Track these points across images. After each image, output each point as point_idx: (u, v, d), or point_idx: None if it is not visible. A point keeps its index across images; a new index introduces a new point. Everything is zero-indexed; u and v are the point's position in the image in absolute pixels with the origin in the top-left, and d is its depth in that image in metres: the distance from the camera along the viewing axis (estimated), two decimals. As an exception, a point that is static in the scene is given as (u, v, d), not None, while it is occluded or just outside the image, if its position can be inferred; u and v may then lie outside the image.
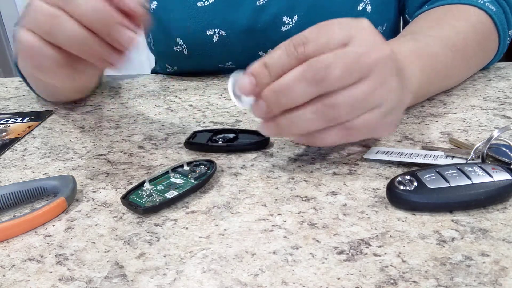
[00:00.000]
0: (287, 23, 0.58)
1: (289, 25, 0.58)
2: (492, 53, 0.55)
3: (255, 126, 0.45)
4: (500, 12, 0.54)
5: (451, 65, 0.48)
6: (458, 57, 0.48)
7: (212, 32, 0.59)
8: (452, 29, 0.50)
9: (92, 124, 0.51)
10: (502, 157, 0.32)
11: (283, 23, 0.58)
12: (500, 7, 0.54)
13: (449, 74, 0.50)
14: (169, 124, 0.48)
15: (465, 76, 0.54)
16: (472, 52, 0.51)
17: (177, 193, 0.31)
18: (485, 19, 0.53)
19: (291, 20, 0.58)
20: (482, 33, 0.52)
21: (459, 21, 0.51)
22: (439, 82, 0.49)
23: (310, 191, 0.31)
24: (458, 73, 0.51)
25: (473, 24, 0.52)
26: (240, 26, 0.58)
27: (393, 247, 0.25)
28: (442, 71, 0.47)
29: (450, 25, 0.51)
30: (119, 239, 0.27)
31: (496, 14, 0.54)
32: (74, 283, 0.24)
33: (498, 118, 0.43)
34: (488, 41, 0.53)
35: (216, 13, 0.58)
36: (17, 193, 0.32)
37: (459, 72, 0.51)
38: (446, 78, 0.49)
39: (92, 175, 0.37)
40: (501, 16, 0.54)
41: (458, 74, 0.52)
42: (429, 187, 0.28)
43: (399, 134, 0.40)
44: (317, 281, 0.23)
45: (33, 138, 0.48)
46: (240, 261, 0.25)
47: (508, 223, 0.26)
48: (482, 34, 0.52)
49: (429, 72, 0.44)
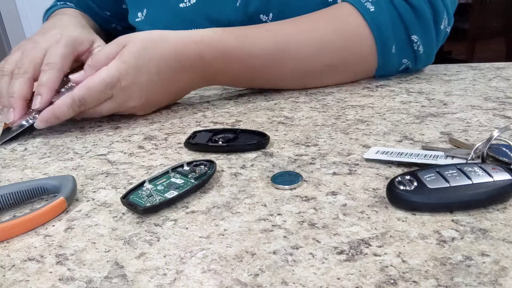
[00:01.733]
0: (265, 21, 0.59)
1: (266, 23, 0.58)
2: (363, 55, 0.54)
3: (255, 126, 0.45)
4: (383, 14, 0.52)
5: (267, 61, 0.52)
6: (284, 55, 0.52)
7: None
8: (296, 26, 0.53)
9: (92, 124, 0.51)
10: (502, 157, 0.32)
11: (261, 21, 0.59)
12: (394, 9, 0.53)
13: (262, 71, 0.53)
14: (169, 124, 0.48)
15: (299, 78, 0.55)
16: (307, 52, 0.52)
17: (177, 193, 0.31)
18: (354, 18, 0.53)
19: (267, 18, 0.58)
20: (336, 29, 0.52)
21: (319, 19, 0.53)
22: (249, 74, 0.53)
23: (310, 191, 0.31)
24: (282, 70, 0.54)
25: (327, 23, 0.53)
26: (223, 24, 0.59)
27: (393, 247, 0.25)
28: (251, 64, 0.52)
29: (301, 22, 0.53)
30: (119, 239, 0.27)
31: (372, 14, 0.52)
32: (74, 283, 0.24)
33: (498, 118, 0.43)
34: (349, 42, 0.53)
35: (198, 13, 0.60)
36: (17, 193, 0.32)
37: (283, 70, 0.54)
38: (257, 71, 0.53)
39: (92, 175, 0.37)
40: (382, 18, 0.52)
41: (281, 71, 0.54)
42: (429, 187, 0.28)
43: (399, 134, 0.40)
44: (317, 281, 0.23)
45: (33, 138, 0.48)
46: (240, 261, 0.25)
47: (508, 223, 0.26)
48: (338, 31, 0.52)
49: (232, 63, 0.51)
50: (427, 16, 0.53)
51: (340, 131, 0.42)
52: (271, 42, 0.52)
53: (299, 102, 0.52)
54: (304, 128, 0.44)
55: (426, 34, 0.54)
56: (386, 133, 0.41)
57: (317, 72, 0.55)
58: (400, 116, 0.45)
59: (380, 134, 0.41)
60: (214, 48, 0.50)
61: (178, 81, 0.51)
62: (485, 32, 3.31)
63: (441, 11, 0.54)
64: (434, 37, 0.55)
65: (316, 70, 0.55)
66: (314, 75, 0.55)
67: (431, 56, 0.58)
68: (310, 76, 0.55)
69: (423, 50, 0.56)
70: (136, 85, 0.48)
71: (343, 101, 0.51)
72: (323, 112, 0.48)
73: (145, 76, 0.48)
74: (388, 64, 0.56)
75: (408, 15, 0.53)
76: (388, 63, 0.56)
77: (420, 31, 0.54)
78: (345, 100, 0.52)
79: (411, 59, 0.57)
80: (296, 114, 0.48)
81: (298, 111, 0.49)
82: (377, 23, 0.52)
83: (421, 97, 0.51)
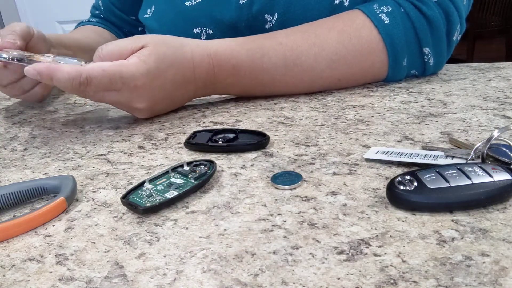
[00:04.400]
0: (269, 20, 0.58)
1: (271, 22, 0.58)
2: (374, 68, 0.54)
3: (255, 126, 0.45)
4: (398, 27, 0.52)
5: (275, 71, 0.52)
6: (294, 70, 0.52)
7: (199, 30, 0.60)
8: (306, 38, 0.52)
9: (92, 124, 0.51)
10: (502, 157, 0.32)
11: (265, 21, 0.58)
12: (409, 21, 0.52)
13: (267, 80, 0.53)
14: (169, 124, 0.48)
15: (309, 86, 0.55)
16: (318, 68, 0.52)
17: (177, 193, 0.31)
18: (367, 31, 0.52)
19: (272, 17, 0.58)
20: (348, 45, 0.52)
21: (330, 31, 0.52)
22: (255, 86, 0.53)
23: (310, 191, 0.31)
24: (289, 81, 0.53)
25: (339, 38, 0.52)
26: (226, 24, 0.59)
27: (393, 247, 0.25)
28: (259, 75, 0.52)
29: (310, 32, 0.53)
30: (119, 239, 0.27)
31: (387, 27, 0.51)
32: (74, 283, 0.24)
33: (498, 118, 0.43)
34: (362, 57, 0.52)
35: (202, 12, 0.59)
36: (17, 193, 0.32)
37: (290, 80, 0.53)
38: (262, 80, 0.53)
39: (92, 175, 0.37)
40: (397, 32, 0.52)
41: (288, 82, 0.54)
42: (429, 187, 0.28)
43: (399, 134, 0.40)
44: (317, 281, 0.23)
45: (33, 138, 0.48)
46: (240, 261, 0.25)
47: (508, 223, 0.26)
48: (350, 47, 0.52)
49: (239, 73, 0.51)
50: (441, 28, 0.52)
51: (340, 131, 0.42)
52: (282, 56, 0.51)
53: (299, 102, 0.52)
54: (304, 128, 0.44)
55: (438, 46, 0.53)
56: (386, 133, 0.41)
57: (328, 85, 0.55)
58: (400, 116, 0.45)
59: (380, 134, 0.41)
60: (227, 63, 0.50)
61: (187, 90, 0.51)
62: (485, 32, 3.32)
63: (455, 22, 0.53)
64: (445, 49, 0.54)
65: (327, 83, 0.55)
66: (323, 87, 0.55)
67: (441, 66, 0.57)
68: (320, 87, 0.55)
69: (433, 62, 0.55)
70: (149, 89, 0.47)
71: (343, 101, 0.51)
72: (323, 112, 0.48)
73: (160, 81, 0.47)
74: (397, 75, 0.56)
75: (423, 28, 0.52)
76: (397, 74, 0.55)
77: (432, 44, 0.53)
78: (345, 100, 0.52)
79: (420, 69, 0.56)
80: (296, 114, 0.48)
81: (298, 111, 0.49)
82: (391, 37, 0.51)
83: (421, 97, 0.51)
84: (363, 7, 0.53)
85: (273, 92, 0.55)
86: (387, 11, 0.52)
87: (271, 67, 0.52)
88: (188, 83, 0.50)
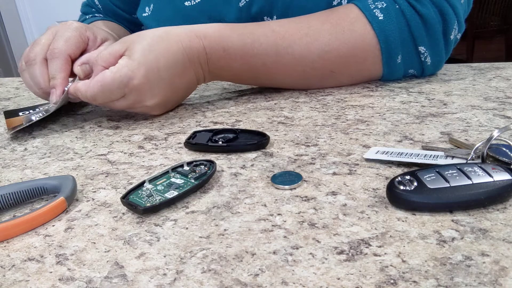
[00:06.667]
0: None
1: (273, 21, 0.58)
2: (368, 63, 0.54)
3: (255, 126, 0.45)
4: (392, 23, 0.51)
5: (265, 58, 0.52)
6: (286, 58, 0.53)
7: None
8: (297, 28, 0.53)
9: (92, 124, 0.51)
10: (502, 157, 0.32)
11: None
12: (403, 18, 0.52)
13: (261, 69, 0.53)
14: (169, 124, 0.48)
15: (300, 80, 0.55)
16: (310, 58, 0.52)
17: (177, 193, 0.31)
18: (361, 25, 0.52)
19: (271, 19, 0.58)
20: (341, 37, 0.52)
21: (324, 24, 0.52)
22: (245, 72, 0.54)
23: (310, 191, 0.31)
24: (280, 71, 0.54)
25: (332, 29, 0.52)
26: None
27: (393, 247, 0.25)
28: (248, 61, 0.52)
29: (304, 23, 0.53)
30: (119, 239, 0.27)
31: (380, 23, 0.51)
32: (74, 283, 0.24)
33: (498, 118, 0.43)
34: (354, 50, 0.52)
35: (202, 12, 0.59)
36: (17, 193, 0.32)
37: (280, 71, 0.54)
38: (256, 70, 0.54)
39: (92, 175, 0.37)
40: (390, 28, 0.51)
41: (279, 72, 0.54)
42: (429, 187, 0.28)
43: (399, 134, 0.40)
44: (317, 281, 0.23)
45: (33, 138, 0.48)
46: (240, 261, 0.25)
47: (508, 223, 0.26)
48: (342, 39, 0.52)
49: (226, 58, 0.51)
50: (436, 27, 0.52)
51: (340, 131, 0.42)
52: (274, 43, 0.52)
53: (299, 102, 0.52)
54: (304, 128, 0.44)
55: (434, 46, 0.53)
56: (386, 133, 0.41)
57: (321, 76, 0.55)
58: (400, 116, 0.45)
59: (380, 134, 0.41)
60: (217, 45, 0.51)
61: (186, 75, 0.51)
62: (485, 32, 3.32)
63: (451, 21, 0.53)
64: (443, 48, 0.54)
65: (320, 75, 0.55)
66: (317, 79, 0.55)
67: (439, 66, 0.57)
68: (313, 78, 0.55)
69: (430, 62, 0.55)
70: (148, 83, 0.47)
71: (343, 101, 0.51)
72: (323, 112, 0.48)
73: (155, 73, 0.48)
74: (394, 73, 0.56)
75: (417, 26, 0.52)
76: (393, 72, 0.55)
77: (428, 43, 0.53)
78: (345, 100, 0.52)
79: (418, 69, 0.56)
80: (296, 114, 0.48)
81: (298, 111, 0.49)
82: (384, 33, 0.51)
83: (421, 97, 0.51)
84: (358, 2, 0.54)
85: (267, 80, 0.55)
86: (382, 7, 0.52)
87: (262, 52, 0.52)
88: (184, 67, 0.50)
